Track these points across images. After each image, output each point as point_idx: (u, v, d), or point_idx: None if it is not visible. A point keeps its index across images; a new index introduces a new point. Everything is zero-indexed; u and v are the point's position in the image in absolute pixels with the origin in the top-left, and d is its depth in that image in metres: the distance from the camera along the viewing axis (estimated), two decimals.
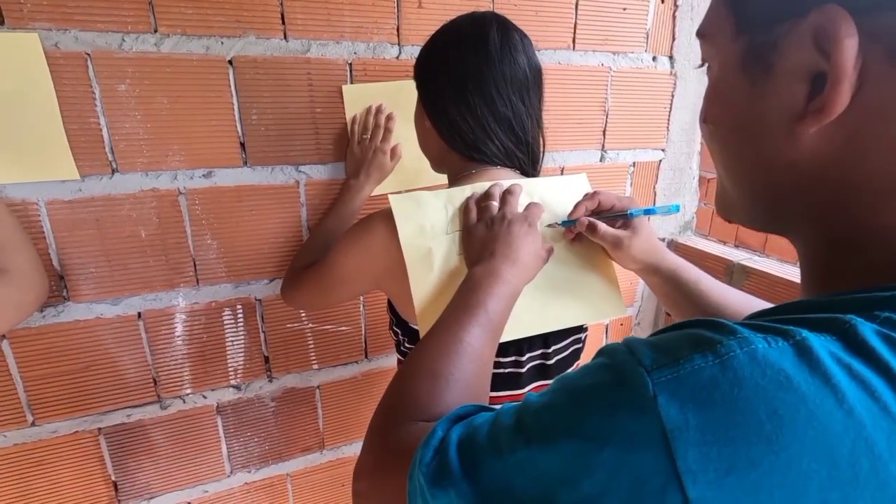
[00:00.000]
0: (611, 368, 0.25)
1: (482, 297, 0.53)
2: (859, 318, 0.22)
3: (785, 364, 0.21)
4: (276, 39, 0.81)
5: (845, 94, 0.24)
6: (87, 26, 0.71)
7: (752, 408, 0.20)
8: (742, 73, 0.29)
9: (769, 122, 0.28)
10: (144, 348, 0.87)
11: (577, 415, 0.25)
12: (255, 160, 0.85)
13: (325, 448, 1.08)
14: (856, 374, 0.20)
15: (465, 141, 0.68)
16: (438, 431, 0.33)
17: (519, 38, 0.67)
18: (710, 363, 0.22)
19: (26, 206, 0.74)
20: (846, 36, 0.23)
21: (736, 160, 0.32)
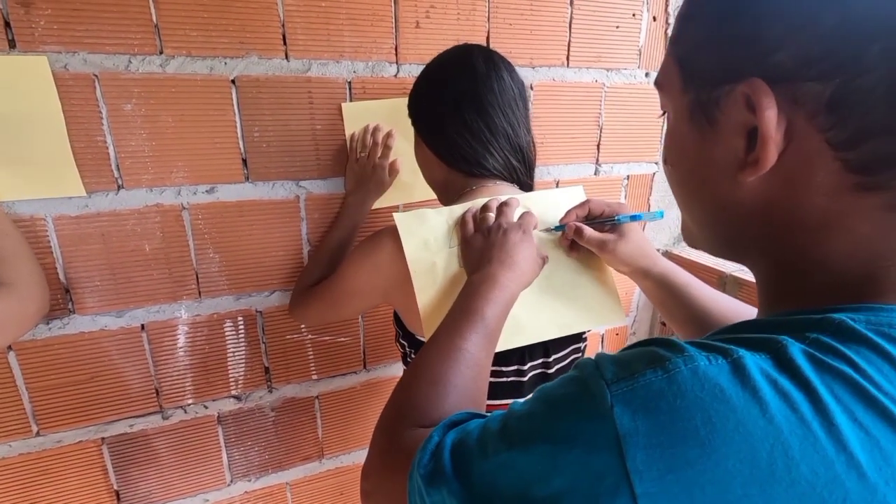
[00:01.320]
0: (579, 381, 0.28)
1: (480, 303, 0.55)
2: (791, 339, 0.25)
3: (721, 379, 0.24)
4: (277, 59, 0.83)
5: (772, 152, 0.28)
6: (96, 49, 0.73)
7: (690, 416, 0.23)
8: (691, 123, 0.33)
9: (716, 169, 0.32)
10: (147, 359, 0.89)
11: (550, 421, 0.28)
12: (257, 176, 0.87)
13: (325, 457, 1.10)
14: (780, 389, 0.23)
15: (467, 158, 0.70)
16: (435, 437, 0.36)
17: (500, 58, 0.72)
18: (659, 377, 0.25)
19: (34, 222, 0.77)
20: (767, 107, 0.27)
21: (692, 199, 0.36)
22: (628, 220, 0.66)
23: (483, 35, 0.95)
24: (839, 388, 0.23)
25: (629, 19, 1.06)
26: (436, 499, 0.32)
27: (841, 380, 0.23)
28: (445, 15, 0.91)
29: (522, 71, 1.00)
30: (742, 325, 0.30)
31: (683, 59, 0.33)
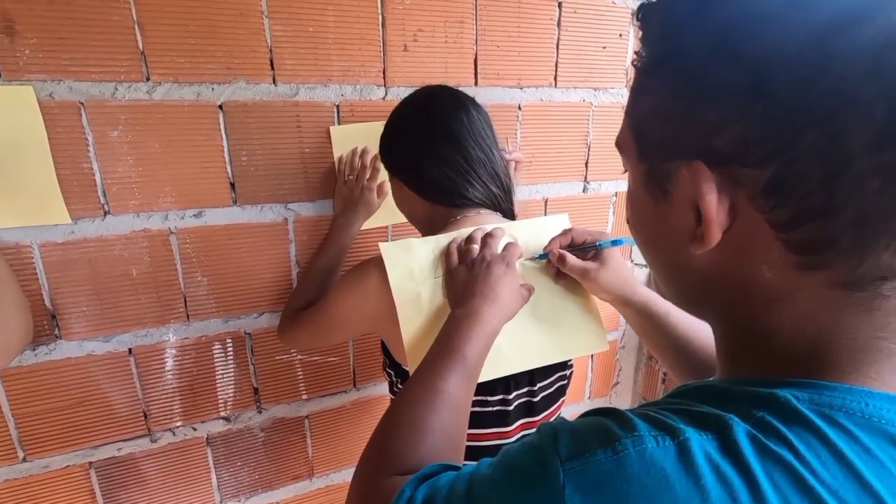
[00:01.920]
0: (539, 451, 0.29)
1: (461, 342, 0.55)
2: (737, 419, 0.26)
3: (666, 464, 0.25)
4: (265, 84, 0.83)
5: (714, 231, 0.29)
6: (82, 76, 0.73)
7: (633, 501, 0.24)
8: (646, 191, 0.34)
9: (671, 237, 0.32)
10: (135, 383, 0.89)
11: (509, 492, 0.30)
12: (245, 199, 0.87)
13: (315, 476, 1.10)
14: (721, 475, 0.24)
15: (448, 191, 0.71)
16: (407, 491, 0.37)
17: (463, 94, 0.75)
18: (609, 458, 0.26)
19: (20, 249, 0.76)
20: (707, 192, 0.28)
21: (654, 260, 0.37)
22: (609, 245, 0.67)
23: (471, 57, 0.96)
24: (778, 475, 0.24)
25: (616, 39, 1.07)
26: None
27: (781, 466, 0.24)
28: (433, 38, 0.92)
29: (510, 91, 1.01)
30: (701, 388, 0.31)
31: (637, 130, 0.34)
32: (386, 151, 0.77)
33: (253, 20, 0.80)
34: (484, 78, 0.98)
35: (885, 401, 0.26)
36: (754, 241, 0.29)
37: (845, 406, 0.25)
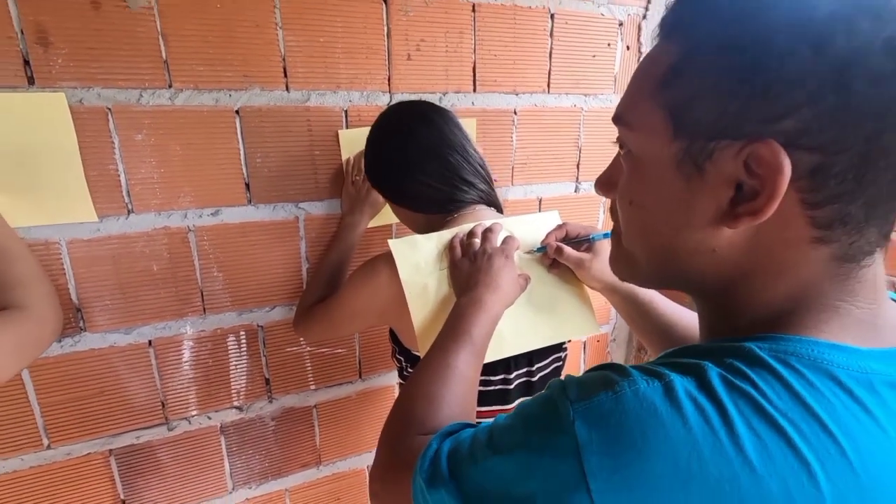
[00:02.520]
0: (550, 400, 0.35)
1: (467, 325, 0.62)
2: (711, 364, 0.32)
3: (655, 398, 0.30)
4: (279, 91, 0.89)
5: (775, 205, 0.31)
6: (109, 84, 0.78)
7: (630, 429, 0.30)
8: (677, 171, 0.34)
9: (697, 215, 0.34)
10: (154, 374, 0.93)
11: (527, 434, 0.35)
12: (259, 199, 0.93)
13: (322, 464, 1.15)
14: (699, 405, 0.30)
15: (436, 201, 0.79)
16: (433, 445, 0.42)
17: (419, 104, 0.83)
18: (609, 398, 0.31)
19: (49, 246, 0.81)
20: (785, 166, 0.30)
21: (657, 240, 0.39)
22: (601, 238, 0.74)
23: (470, 65, 1.02)
24: (742, 404, 0.29)
25: (605, 49, 1.14)
26: (436, 497, 0.38)
27: (745, 397, 0.30)
28: (435, 48, 0.98)
29: (506, 97, 1.07)
30: (683, 350, 0.36)
31: (676, 109, 0.34)
32: (372, 179, 0.84)
33: (268, 31, 0.85)
34: (482, 84, 1.04)
35: (827, 347, 0.32)
36: (783, 219, 0.31)
37: (797, 352, 0.31)
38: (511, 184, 1.14)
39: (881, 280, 0.34)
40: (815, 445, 0.28)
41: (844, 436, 0.28)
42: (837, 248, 0.32)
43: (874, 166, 0.29)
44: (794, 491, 0.27)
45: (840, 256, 0.33)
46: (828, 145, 0.29)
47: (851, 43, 0.27)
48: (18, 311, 0.69)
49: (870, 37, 0.27)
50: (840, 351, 0.31)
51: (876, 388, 0.31)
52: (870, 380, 0.31)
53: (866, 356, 0.32)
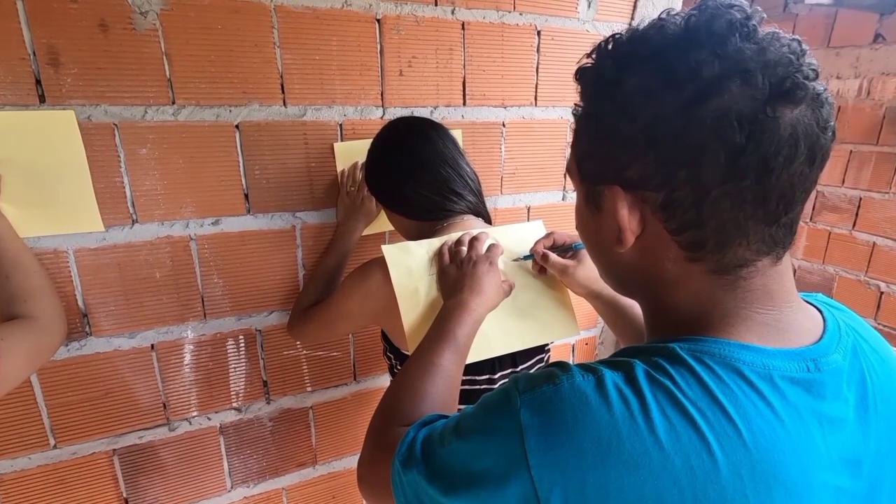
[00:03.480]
0: (504, 391, 0.40)
1: (452, 325, 0.67)
2: (638, 361, 0.37)
3: (587, 389, 0.36)
4: (276, 106, 0.93)
5: (628, 235, 0.41)
6: (116, 101, 0.83)
7: (564, 414, 0.35)
8: (586, 206, 0.45)
9: (604, 241, 0.44)
10: (156, 376, 0.98)
11: (483, 418, 0.41)
12: (258, 208, 0.97)
13: (318, 463, 1.19)
14: (623, 395, 0.35)
15: (428, 209, 0.84)
16: (411, 433, 0.48)
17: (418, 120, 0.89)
18: (550, 389, 0.37)
19: (57, 254, 0.85)
20: (620, 208, 0.40)
21: (594, 258, 0.49)
22: (583, 247, 0.78)
23: (460, 80, 1.07)
24: (660, 394, 0.35)
25: None
26: (409, 477, 0.44)
27: (662, 389, 0.35)
28: (426, 64, 1.03)
29: (495, 111, 1.12)
30: (624, 350, 0.42)
31: (578, 160, 0.45)
32: (371, 186, 0.90)
33: (266, 50, 0.90)
34: (471, 98, 1.09)
35: (737, 347, 0.37)
36: (659, 241, 0.40)
37: (710, 351, 0.37)
38: (500, 193, 1.19)
39: (777, 287, 0.40)
40: (716, 428, 0.34)
41: (742, 420, 0.34)
42: (708, 264, 0.39)
43: (706, 200, 0.36)
44: (695, 464, 0.33)
45: (715, 270, 0.39)
46: (663, 185, 0.37)
47: (656, 111, 0.36)
48: (29, 322, 0.73)
49: (668, 104, 0.36)
50: (747, 350, 0.37)
51: (776, 382, 0.36)
52: (770, 374, 0.36)
53: (769, 355, 0.37)
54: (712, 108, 0.34)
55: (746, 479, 0.33)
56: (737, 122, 0.34)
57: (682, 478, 0.32)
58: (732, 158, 0.35)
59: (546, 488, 0.34)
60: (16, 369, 0.67)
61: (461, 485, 0.39)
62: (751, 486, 0.33)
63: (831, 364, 0.38)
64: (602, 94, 0.40)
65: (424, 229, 0.86)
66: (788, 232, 0.38)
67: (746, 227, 0.37)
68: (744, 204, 0.36)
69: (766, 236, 0.38)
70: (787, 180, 0.35)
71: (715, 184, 0.36)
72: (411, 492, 0.44)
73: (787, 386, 0.36)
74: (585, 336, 1.46)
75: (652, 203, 0.39)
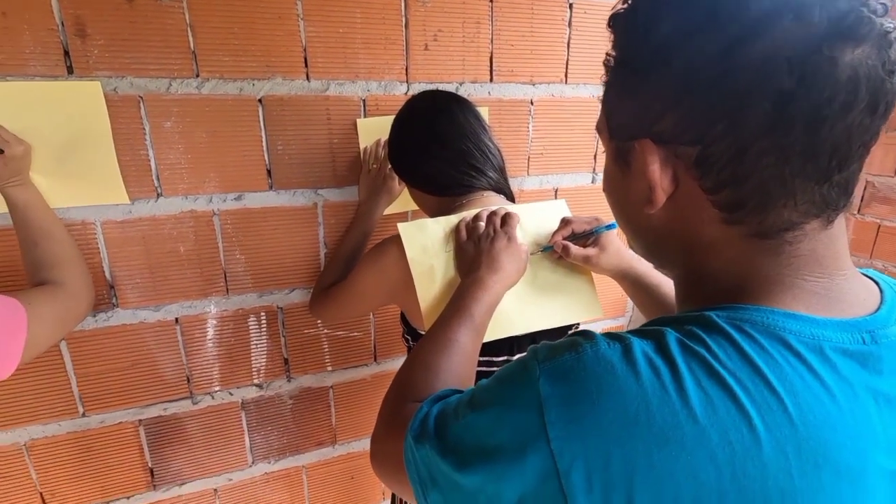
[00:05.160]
0: (523, 361, 0.37)
1: (469, 302, 0.65)
2: (671, 329, 0.34)
3: (613, 358, 0.33)
4: (299, 80, 0.92)
5: (659, 194, 0.37)
6: (141, 73, 0.83)
7: (587, 383, 0.32)
8: (615, 164, 0.42)
9: (633, 201, 0.40)
10: (180, 350, 0.99)
11: (499, 390, 0.38)
12: (280, 185, 0.96)
13: (338, 443, 1.19)
14: (653, 364, 0.32)
15: (447, 184, 0.82)
16: (424, 408, 0.46)
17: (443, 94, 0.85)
18: (572, 357, 0.34)
19: (85, 226, 0.86)
20: (651, 162, 0.36)
21: (623, 222, 0.45)
22: (604, 230, 0.75)
23: (487, 55, 1.03)
24: (694, 363, 0.31)
25: None
26: (422, 453, 0.42)
27: (697, 358, 0.32)
28: (452, 38, 1.00)
29: (523, 88, 1.08)
30: (655, 320, 0.38)
31: (608, 116, 0.42)
32: (393, 164, 0.88)
33: (289, 22, 0.89)
34: (499, 75, 1.05)
35: (782, 316, 0.34)
36: (692, 202, 0.37)
37: (752, 319, 0.33)
38: (527, 174, 1.15)
39: (828, 253, 0.36)
40: (758, 401, 0.30)
41: (787, 393, 0.31)
42: (749, 226, 0.35)
43: (747, 155, 0.33)
44: (734, 439, 0.29)
45: (756, 234, 0.36)
46: (699, 138, 0.34)
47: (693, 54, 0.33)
48: (58, 287, 0.75)
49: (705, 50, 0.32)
50: (794, 319, 0.33)
51: (826, 354, 0.32)
52: (820, 346, 0.32)
53: (819, 324, 0.33)
54: (759, 49, 0.31)
55: (791, 457, 0.29)
56: (787, 65, 0.30)
57: (718, 454, 0.29)
58: (779, 106, 0.31)
59: (566, 463, 0.31)
60: (44, 333, 0.68)
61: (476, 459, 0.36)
62: (796, 464, 0.29)
63: (890, 336, 0.34)
64: (635, 38, 0.37)
65: (445, 206, 0.83)
66: (843, 192, 0.34)
67: (793, 186, 0.33)
68: (790, 159, 0.32)
69: (817, 196, 0.33)
70: (842, 132, 0.31)
71: (757, 136, 0.32)
72: (424, 468, 0.42)
73: (840, 358, 0.32)
74: (612, 325, 1.41)
75: (686, 158, 0.35)
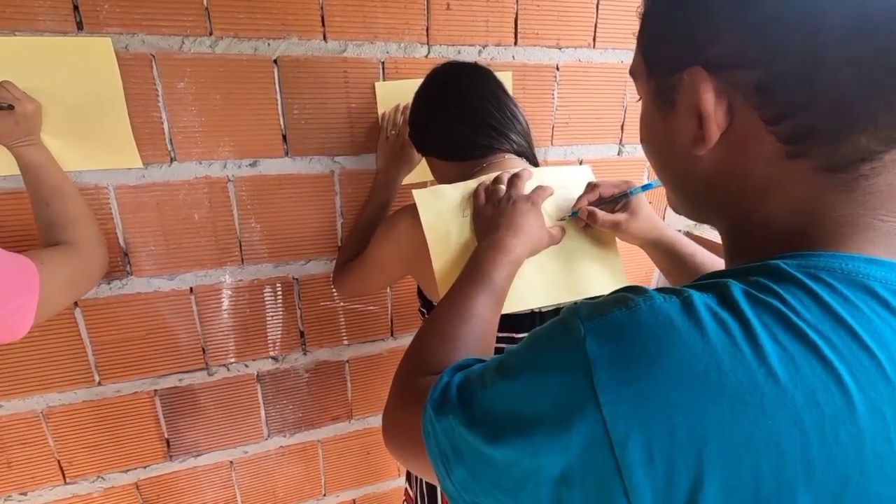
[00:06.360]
0: (560, 321, 0.33)
1: (487, 266, 0.60)
2: (734, 281, 0.30)
3: (672, 312, 0.29)
4: (316, 40, 0.88)
5: (713, 129, 0.33)
6: (153, 30, 0.79)
7: (644, 341, 0.28)
8: (655, 106, 0.38)
9: (677, 145, 0.36)
10: (195, 320, 0.97)
11: (535, 354, 0.34)
12: (296, 151, 0.93)
13: (353, 418, 1.17)
14: (719, 319, 0.28)
15: (464, 145, 0.77)
16: (444, 377, 0.42)
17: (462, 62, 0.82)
18: (623, 313, 0.30)
19: (98, 190, 0.84)
20: (704, 91, 0.32)
21: (663, 171, 0.41)
22: (640, 191, 0.70)
23: (511, 16, 0.98)
24: (767, 317, 0.28)
25: None
26: (444, 425, 0.38)
27: (769, 311, 0.28)
28: None
29: (549, 52, 1.03)
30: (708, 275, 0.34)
31: (645, 52, 0.38)
32: (413, 139, 0.84)
33: None
34: (523, 37, 1.00)
35: (863, 262, 0.29)
36: (750, 136, 0.33)
37: (828, 266, 0.29)
38: (551, 144, 1.10)
39: None
40: (846, 357, 0.27)
41: (880, 347, 0.27)
42: (818, 159, 0.31)
43: (822, 70, 0.29)
44: (823, 401, 0.26)
45: (825, 168, 0.31)
46: (760, 60, 0.30)
47: None
48: (71, 247, 0.72)
49: None
50: (876, 265, 0.29)
51: None
52: None
53: None
54: None
55: (890, 418, 0.26)
56: None
57: (805, 417, 0.26)
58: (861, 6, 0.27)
59: (622, 430, 0.27)
60: (57, 293, 0.66)
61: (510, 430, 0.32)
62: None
63: None
64: None
65: (463, 172, 0.79)
66: None
67: (875, 107, 0.29)
68: (873, 72, 0.28)
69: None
70: None
71: (833, 48, 0.28)
72: (445, 440, 0.38)
73: None
74: None
75: (744, 85, 0.31)
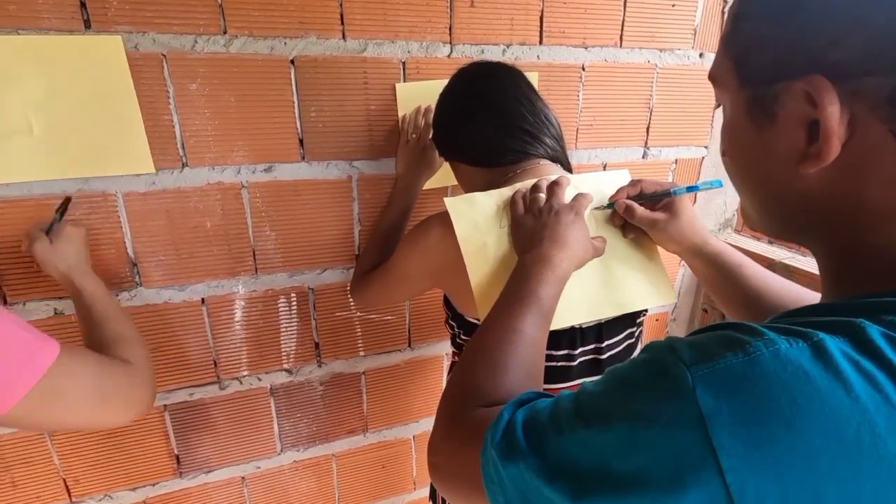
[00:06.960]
0: (656, 363, 0.29)
1: (533, 284, 0.55)
2: (868, 321, 0.26)
3: (803, 361, 0.25)
4: (335, 39, 0.84)
5: (835, 145, 0.29)
6: (164, 29, 0.75)
7: (775, 397, 0.24)
8: (748, 118, 0.34)
9: (777, 160, 0.33)
10: (207, 332, 0.93)
11: (629, 401, 0.29)
12: (313, 155, 0.89)
13: (369, 431, 1.13)
14: (863, 370, 0.24)
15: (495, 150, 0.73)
16: (505, 415, 0.37)
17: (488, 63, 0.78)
18: (740, 360, 0.26)
19: (106, 197, 0.80)
20: (829, 104, 0.28)
21: (752, 189, 0.37)
22: (685, 192, 0.65)
23: (537, 13, 0.94)
24: None
25: None
26: (512, 472, 0.33)
27: None
28: None
29: (574, 51, 0.99)
30: (809, 308, 0.30)
31: (738, 58, 0.34)
32: (438, 143, 0.80)
33: None
34: (549, 36, 0.96)
35: None
36: (873, 153, 0.29)
37: None
38: (574, 147, 1.06)
39: None
40: None
41: None
42: None
43: None
44: None
45: None
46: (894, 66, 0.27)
47: None
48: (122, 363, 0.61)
49: None
50: None
51: None
52: None
53: None
54: None
55: None
56: None
57: None
58: None
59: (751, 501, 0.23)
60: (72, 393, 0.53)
61: (600, 488, 0.28)
62: None
63: None
64: None
65: (493, 179, 0.74)
66: None
67: None
68: None
69: None
70: None
71: None
72: (514, 490, 0.33)
73: None
74: (655, 311, 1.32)
75: (873, 95, 0.27)
